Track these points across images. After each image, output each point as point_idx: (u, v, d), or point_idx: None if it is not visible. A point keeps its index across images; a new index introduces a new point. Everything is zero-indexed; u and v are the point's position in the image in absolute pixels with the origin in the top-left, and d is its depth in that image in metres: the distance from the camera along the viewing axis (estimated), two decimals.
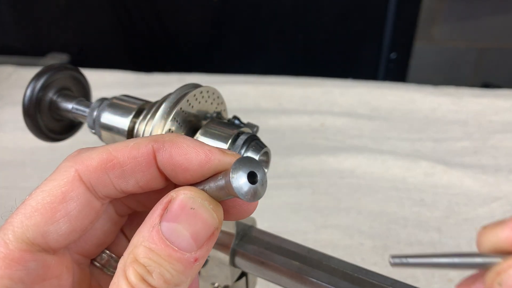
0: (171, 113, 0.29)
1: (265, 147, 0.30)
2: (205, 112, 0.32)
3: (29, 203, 0.21)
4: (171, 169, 0.21)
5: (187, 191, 0.20)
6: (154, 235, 0.19)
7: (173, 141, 0.21)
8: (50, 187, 0.21)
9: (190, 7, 1.10)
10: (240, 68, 0.99)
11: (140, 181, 0.21)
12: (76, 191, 0.21)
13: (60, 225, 0.20)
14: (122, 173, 0.21)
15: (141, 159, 0.21)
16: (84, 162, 0.21)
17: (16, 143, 0.75)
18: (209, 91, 0.31)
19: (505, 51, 1.14)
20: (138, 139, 0.22)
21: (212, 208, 0.20)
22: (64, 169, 0.21)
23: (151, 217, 0.20)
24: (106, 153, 0.21)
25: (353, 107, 0.86)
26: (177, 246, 0.19)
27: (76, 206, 0.21)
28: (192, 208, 0.20)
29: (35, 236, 0.20)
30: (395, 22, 1.06)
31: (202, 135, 0.30)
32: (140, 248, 0.19)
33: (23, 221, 0.20)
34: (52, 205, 0.20)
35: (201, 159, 0.21)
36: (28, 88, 0.34)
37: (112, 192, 0.21)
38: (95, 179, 0.21)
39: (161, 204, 0.20)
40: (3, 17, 1.10)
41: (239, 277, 0.38)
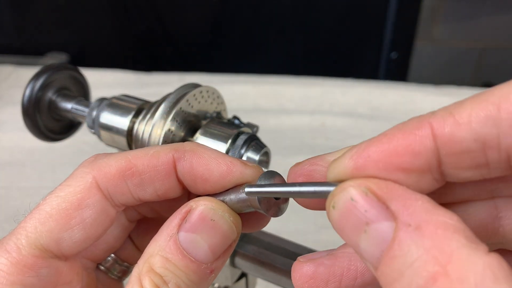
0: (170, 113, 0.28)
1: (265, 147, 0.29)
2: (205, 112, 0.31)
3: (43, 208, 0.20)
4: (191, 179, 0.21)
5: (207, 202, 0.20)
6: (172, 244, 0.19)
7: (194, 150, 0.21)
8: (65, 193, 0.20)
9: (190, 7, 1.09)
10: (240, 67, 0.99)
11: (158, 190, 0.21)
12: (93, 198, 0.20)
13: (74, 232, 0.20)
14: (141, 182, 0.21)
15: (161, 168, 0.21)
16: (102, 169, 0.21)
17: (15, 143, 0.75)
18: (209, 91, 0.31)
19: (506, 51, 1.13)
20: (157, 147, 0.21)
21: (232, 221, 0.20)
22: (81, 175, 0.21)
23: (168, 226, 0.20)
24: (125, 160, 0.21)
25: (354, 107, 0.85)
26: (194, 257, 0.19)
27: (92, 213, 0.20)
28: (213, 220, 0.19)
29: (48, 242, 0.20)
30: (396, 21, 1.06)
31: (202, 135, 0.29)
32: (156, 258, 0.19)
33: (37, 226, 0.20)
34: (67, 211, 0.20)
35: (222, 170, 0.20)
36: (27, 88, 0.34)
37: (129, 200, 0.21)
38: (113, 187, 0.20)
39: (179, 214, 0.20)
40: (2, 16, 1.10)
41: (239, 277, 0.38)
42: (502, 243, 0.19)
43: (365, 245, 0.15)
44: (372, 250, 0.15)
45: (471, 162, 0.16)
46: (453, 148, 0.15)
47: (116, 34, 1.14)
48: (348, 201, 0.16)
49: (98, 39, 1.14)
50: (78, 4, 1.09)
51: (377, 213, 0.15)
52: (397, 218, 0.15)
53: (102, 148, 0.34)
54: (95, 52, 1.16)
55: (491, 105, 0.15)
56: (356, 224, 0.15)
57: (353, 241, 0.16)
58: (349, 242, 0.16)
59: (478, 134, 0.15)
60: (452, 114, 0.15)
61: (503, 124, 0.15)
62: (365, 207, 0.15)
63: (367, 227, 0.15)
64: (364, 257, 0.16)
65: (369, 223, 0.15)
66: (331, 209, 0.17)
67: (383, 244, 0.15)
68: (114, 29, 1.13)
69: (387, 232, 0.15)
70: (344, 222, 0.16)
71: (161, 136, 0.28)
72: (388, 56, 1.09)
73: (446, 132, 0.15)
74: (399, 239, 0.14)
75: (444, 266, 0.13)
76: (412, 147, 0.16)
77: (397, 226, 0.14)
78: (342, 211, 0.16)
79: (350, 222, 0.16)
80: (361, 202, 0.15)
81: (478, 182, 0.17)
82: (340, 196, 0.16)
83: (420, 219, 0.14)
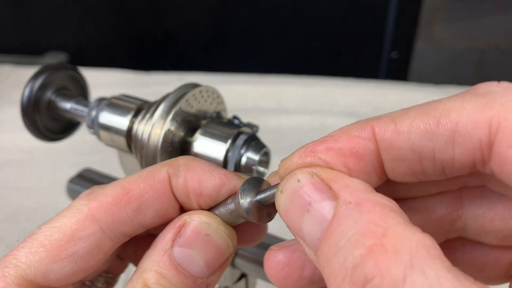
0: (170, 113, 0.28)
1: (265, 147, 0.29)
2: (205, 112, 0.31)
3: (36, 237, 0.20)
4: (185, 194, 0.20)
5: (201, 215, 0.20)
6: (166, 260, 0.19)
7: (188, 165, 0.20)
8: (60, 224, 0.20)
9: (190, 6, 1.09)
10: (240, 67, 0.99)
11: (159, 211, 0.20)
12: (87, 231, 0.20)
13: (64, 264, 0.19)
14: (139, 206, 0.20)
15: (158, 186, 0.20)
16: (98, 199, 0.20)
17: (14, 142, 0.75)
18: (209, 90, 0.31)
19: (507, 50, 1.13)
20: (151, 167, 0.21)
21: (227, 235, 0.20)
22: (77, 206, 0.20)
23: (162, 240, 0.19)
24: (120, 187, 0.20)
25: (354, 106, 0.85)
26: (189, 272, 0.19)
27: (85, 246, 0.20)
28: (207, 235, 0.19)
29: (36, 274, 0.19)
30: (396, 21, 1.06)
31: (201, 135, 0.29)
32: (150, 273, 0.19)
33: (28, 256, 0.19)
34: (60, 242, 0.19)
35: (215, 183, 0.20)
36: (26, 88, 0.34)
37: (130, 228, 0.20)
38: (110, 216, 0.20)
39: (173, 228, 0.19)
40: (1, 16, 1.10)
41: (239, 278, 0.38)
42: (462, 231, 0.19)
43: (307, 226, 0.16)
44: (313, 231, 0.15)
45: (407, 169, 0.17)
46: (391, 154, 0.16)
47: (115, 34, 1.14)
48: (295, 183, 0.17)
49: (97, 39, 1.14)
50: (77, 4, 1.09)
51: (320, 192, 0.16)
52: (339, 197, 0.15)
53: (101, 148, 0.34)
54: (95, 52, 1.16)
55: (431, 119, 0.15)
56: (301, 205, 0.16)
57: (297, 224, 0.16)
58: (293, 227, 0.17)
59: (415, 145, 0.16)
60: (394, 122, 0.16)
61: (439, 139, 0.15)
62: (309, 187, 0.16)
63: (310, 207, 0.16)
64: (306, 241, 0.16)
65: (312, 203, 0.16)
66: (279, 194, 0.17)
67: (323, 224, 0.15)
68: (114, 29, 1.13)
69: (328, 211, 0.15)
70: (289, 204, 0.17)
71: (161, 136, 0.28)
72: (389, 56, 1.09)
73: (386, 138, 0.16)
74: (339, 215, 0.15)
75: (380, 239, 0.13)
76: (356, 149, 0.17)
77: (338, 204, 0.15)
78: (289, 194, 0.17)
79: (296, 204, 0.16)
80: (306, 182, 0.16)
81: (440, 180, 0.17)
82: (288, 179, 0.17)
83: (361, 197, 0.15)
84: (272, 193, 0.19)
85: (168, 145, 0.29)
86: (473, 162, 0.16)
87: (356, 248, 0.14)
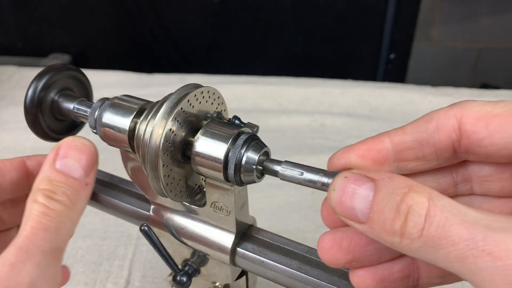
0: (172, 113, 0.29)
1: (265, 147, 0.30)
2: (206, 112, 0.32)
3: None
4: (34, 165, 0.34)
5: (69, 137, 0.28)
6: (52, 170, 0.26)
7: None
8: None
9: (191, 8, 1.10)
10: (240, 68, 0.99)
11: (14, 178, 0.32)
12: None
13: None
14: None
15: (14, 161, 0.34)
16: None
17: (18, 143, 0.76)
18: (210, 91, 0.32)
19: (503, 51, 1.14)
20: None
21: (88, 143, 0.28)
22: None
23: (47, 160, 0.27)
24: None
25: (353, 107, 0.86)
26: (71, 174, 0.27)
27: None
28: (76, 145, 0.28)
29: None
30: (394, 23, 1.06)
31: (202, 135, 0.30)
32: (43, 181, 0.26)
33: None
34: None
35: None
36: (30, 88, 0.34)
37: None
38: None
39: (53, 151, 0.27)
40: (5, 18, 1.10)
41: (239, 276, 0.39)
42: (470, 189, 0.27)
43: (358, 204, 0.22)
44: (363, 205, 0.22)
45: (413, 155, 0.25)
46: (402, 146, 0.25)
47: (117, 36, 1.15)
48: (343, 179, 0.23)
49: (100, 41, 1.15)
50: (80, 6, 1.09)
51: (362, 180, 0.22)
52: (375, 179, 0.22)
53: (104, 147, 0.35)
54: (97, 53, 1.17)
55: (423, 120, 0.25)
56: (351, 192, 0.22)
57: (349, 206, 0.22)
58: (346, 211, 0.23)
59: (415, 137, 0.25)
60: (402, 128, 0.25)
61: (429, 130, 0.24)
62: (354, 178, 0.23)
63: (358, 189, 0.22)
64: (358, 216, 0.22)
65: (357, 187, 0.22)
66: (332, 192, 0.23)
67: (369, 197, 0.22)
68: (116, 30, 1.13)
69: (370, 190, 0.22)
70: (341, 194, 0.23)
71: (162, 136, 0.28)
72: (387, 57, 1.09)
73: (398, 138, 0.25)
74: (379, 186, 0.22)
75: (409, 188, 0.21)
76: (378, 147, 0.25)
77: (377, 181, 0.22)
78: (340, 188, 0.23)
79: (346, 193, 0.23)
80: (351, 176, 0.23)
81: None
82: (337, 179, 0.23)
83: (390, 175, 0.22)
84: None
85: (169, 144, 0.29)
86: (452, 143, 0.24)
87: (397, 195, 0.21)
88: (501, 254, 0.17)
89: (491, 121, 0.23)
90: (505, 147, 0.23)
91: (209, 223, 0.35)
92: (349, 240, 0.26)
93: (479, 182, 0.26)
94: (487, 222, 0.19)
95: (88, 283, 0.53)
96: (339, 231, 0.26)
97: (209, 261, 0.37)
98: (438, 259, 0.19)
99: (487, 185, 0.26)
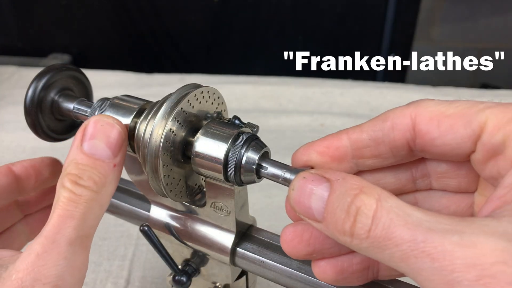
0: (172, 113, 0.29)
1: (265, 147, 0.30)
2: (206, 112, 0.32)
3: None
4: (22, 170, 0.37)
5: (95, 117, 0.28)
6: (79, 153, 0.26)
7: None
8: None
9: (191, 8, 1.10)
10: (240, 68, 0.99)
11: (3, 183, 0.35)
12: None
13: None
14: None
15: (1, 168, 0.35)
16: None
17: (17, 143, 0.76)
18: (210, 91, 0.32)
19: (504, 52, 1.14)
20: None
21: (116, 122, 0.28)
22: None
23: (75, 140, 0.27)
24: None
25: (353, 107, 0.86)
26: (98, 156, 0.26)
27: None
28: (102, 125, 0.27)
29: None
30: (394, 23, 1.06)
31: (202, 135, 0.30)
32: (70, 165, 0.26)
33: None
34: None
35: None
36: (30, 88, 0.34)
37: None
38: None
39: (80, 132, 0.27)
40: (5, 17, 1.10)
41: (239, 276, 0.39)
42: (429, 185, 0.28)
43: (314, 203, 0.23)
44: (319, 205, 0.23)
45: (370, 153, 0.26)
46: (359, 144, 0.26)
47: (117, 36, 1.15)
48: (302, 179, 0.24)
49: (100, 41, 1.15)
50: (80, 6, 1.09)
51: (319, 180, 0.23)
52: (330, 180, 0.23)
53: None
54: (97, 53, 1.16)
55: (379, 120, 0.26)
56: (308, 192, 0.23)
57: (307, 205, 0.23)
58: (303, 210, 0.23)
59: (371, 136, 0.26)
60: (359, 127, 0.26)
61: (384, 129, 0.25)
62: (311, 177, 0.24)
63: (315, 190, 0.23)
64: (314, 215, 0.23)
65: (315, 188, 0.23)
66: (292, 191, 0.24)
67: (325, 197, 0.23)
68: (116, 30, 1.13)
69: (326, 190, 0.23)
70: (300, 194, 0.24)
71: (162, 136, 0.28)
72: (387, 57, 1.09)
73: (355, 136, 0.26)
74: (334, 187, 0.23)
75: (360, 189, 0.22)
76: (336, 144, 0.26)
77: (332, 182, 0.23)
78: (298, 187, 0.24)
79: (304, 193, 0.23)
80: (309, 177, 0.24)
81: None
82: (296, 179, 0.24)
83: (344, 175, 0.23)
84: None
85: (169, 144, 0.29)
86: (407, 142, 0.25)
87: (348, 196, 0.22)
88: (438, 255, 0.18)
89: (443, 121, 0.23)
90: (457, 147, 0.23)
91: (209, 223, 0.35)
92: (310, 233, 0.26)
93: (437, 178, 0.27)
94: (430, 223, 0.19)
95: (88, 283, 0.53)
96: (300, 224, 0.27)
97: (209, 261, 0.37)
98: (385, 259, 0.20)
99: (444, 181, 0.27)
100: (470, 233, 0.18)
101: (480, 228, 0.18)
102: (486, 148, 0.23)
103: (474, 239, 0.18)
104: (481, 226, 0.18)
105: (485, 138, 0.22)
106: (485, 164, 0.23)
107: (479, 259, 0.17)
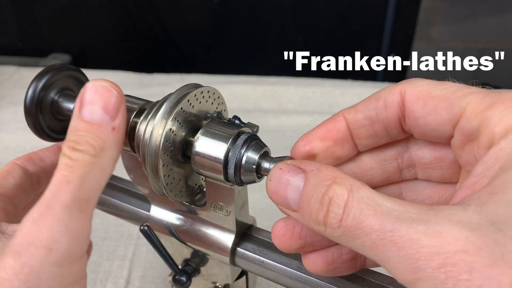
0: (172, 113, 0.29)
1: (265, 147, 0.30)
2: (206, 112, 0.32)
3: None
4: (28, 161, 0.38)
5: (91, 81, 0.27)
6: (77, 119, 0.26)
7: None
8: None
9: (191, 8, 1.10)
10: (240, 68, 0.99)
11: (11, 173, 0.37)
12: None
13: None
14: None
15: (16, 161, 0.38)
16: None
17: (17, 143, 0.76)
18: (210, 91, 0.32)
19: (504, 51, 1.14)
20: None
21: (111, 86, 0.27)
22: None
23: (75, 109, 0.27)
24: None
25: None
26: (95, 121, 0.26)
27: None
28: (96, 90, 0.27)
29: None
30: (394, 23, 1.06)
31: (202, 135, 0.30)
32: (70, 132, 0.26)
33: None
34: None
35: None
36: (30, 88, 0.34)
37: None
38: None
39: (77, 100, 0.27)
40: (5, 17, 1.10)
41: (239, 276, 0.39)
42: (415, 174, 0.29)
43: (290, 194, 0.23)
44: (295, 195, 0.23)
45: (366, 133, 0.27)
46: (355, 124, 0.27)
47: (117, 36, 1.15)
48: (278, 170, 0.25)
49: (100, 41, 1.15)
50: (80, 6, 1.09)
51: (295, 170, 0.24)
52: (306, 170, 0.23)
53: None
54: (97, 53, 1.16)
55: (373, 98, 0.26)
56: (284, 183, 0.24)
57: (283, 196, 0.24)
58: (280, 200, 0.24)
59: (366, 115, 0.26)
60: (354, 107, 0.27)
61: (378, 108, 0.26)
62: (287, 168, 0.24)
63: (290, 180, 0.24)
64: (291, 205, 0.24)
65: (291, 178, 0.24)
66: (268, 182, 0.25)
67: (300, 188, 0.23)
68: (116, 30, 1.13)
69: (301, 181, 0.23)
70: (276, 184, 0.24)
71: (162, 136, 0.29)
72: (387, 57, 1.09)
73: (351, 116, 0.27)
74: (308, 178, 0.23)
75: (333, 180, 0.22)
76: (337, 127, 0.27)
77: (307, 173, 0.23)
78: (275, 178, 0.24)
79: (280, 183, 0.24)
80: (285, 167, 0.24)
81: None
82: (273, 170, 0.25)
83: (319, 166, 0.23)
84: None
85: (169, 144, 0.29)
86: (399, 119, 0.25)
87: (322, 187, 0.22)
88: (404, 244, 0.19)
89: (428, 101, 0.24)
90: (437, 128, 0.24)
91: (209, 223, 0.35)
92: (300, 226, 0.27)
93: (421, 169, 0.28)
94: (398, 213, 0.20)
95: (88, 283, 0.53)
96: (291, 218, 0.27)
97: (209, 261, 0.37)
98: (357, 247, 0.21)
99: (428, 172, 0.27)
100: (436, 222, 0.19)
101: (446, 217, 0.19)
102: (462, 132, 0.23)
103: (439, 228, 0.18)
104: (447, 215, 0.19)
105: (462, 123, 0.23)
106: (462, 149, 0.24)
107: (443, 247, 0.18)
